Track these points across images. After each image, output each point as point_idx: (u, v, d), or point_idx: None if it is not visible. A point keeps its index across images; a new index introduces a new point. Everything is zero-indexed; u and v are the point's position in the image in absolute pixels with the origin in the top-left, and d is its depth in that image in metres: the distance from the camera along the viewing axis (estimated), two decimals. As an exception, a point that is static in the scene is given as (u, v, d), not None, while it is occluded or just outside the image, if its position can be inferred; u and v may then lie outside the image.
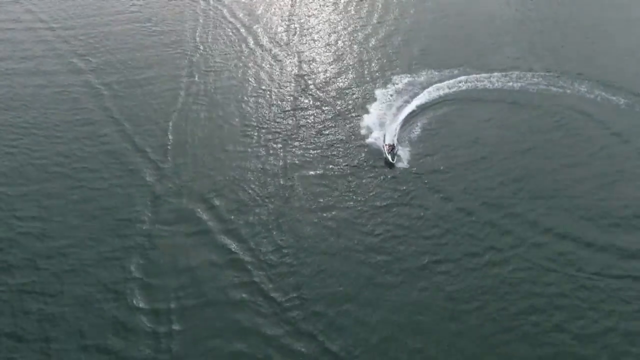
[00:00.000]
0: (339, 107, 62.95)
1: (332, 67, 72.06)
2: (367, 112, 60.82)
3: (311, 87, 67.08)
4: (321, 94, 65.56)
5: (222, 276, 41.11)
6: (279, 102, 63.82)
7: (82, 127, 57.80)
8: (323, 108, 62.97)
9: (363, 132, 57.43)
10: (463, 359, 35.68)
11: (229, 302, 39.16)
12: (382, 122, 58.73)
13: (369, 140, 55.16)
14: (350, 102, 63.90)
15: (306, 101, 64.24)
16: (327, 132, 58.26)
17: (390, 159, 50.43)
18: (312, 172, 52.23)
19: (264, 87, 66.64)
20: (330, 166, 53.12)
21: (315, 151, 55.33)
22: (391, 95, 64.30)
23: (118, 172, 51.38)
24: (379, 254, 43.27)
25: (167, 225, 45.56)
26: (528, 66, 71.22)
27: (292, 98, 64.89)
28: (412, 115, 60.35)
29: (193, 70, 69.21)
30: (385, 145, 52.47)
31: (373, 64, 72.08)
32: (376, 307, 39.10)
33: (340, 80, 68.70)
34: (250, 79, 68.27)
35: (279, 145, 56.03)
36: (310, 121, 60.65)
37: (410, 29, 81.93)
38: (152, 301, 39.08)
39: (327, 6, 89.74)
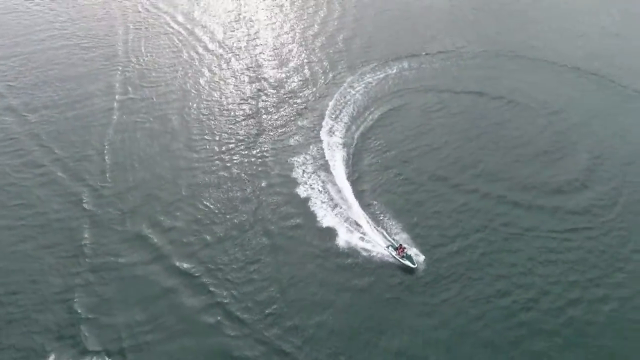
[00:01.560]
0: (294, 110, 61.13)
1: (284, 70, 69.68)
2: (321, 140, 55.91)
3: (264, 91, 64.74)
4: (275, 99, 63.41)
5: (183, 304, 38.44)
6: (229, 110, 60.99)
7: (13, 160, 52.53)
8: (277, 113, 60.85)
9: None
10: (439, 350, 35.45)
11: (195, 331, 36.66)
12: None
13: (361, 243, 43.36)
14: (305, 104, 62.23)
15: (258, 107, 61.69)
16: (282, 138, 56.33)
17: (410, 265, 40.70)
18: (268, 181, 50.28)
19: (210, 97, 63.47)
20: (287, 172, 51.27)
21: (272, 158, 53.28)
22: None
23: (56, 204, 47.14)
24: (347, 258, 42.20)
25: (115, 257, 42.20)
26: (466, 50, 73.05)
27: (242, 104, 62.23)
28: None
29: (128, 86, 64.85)
30: (389, 248, 42.40)
31: (324, 63, 70.60)
32: (351, 312, 37.99)
33: (292, 83, 66.63)
34: (193, 90, 64.88)
35: (233, 156, 53.56)
36: (265, 126, 58.34)
37: (355, 25, 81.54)
38: (104, 342, 35.83)
39: (274, 7, 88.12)
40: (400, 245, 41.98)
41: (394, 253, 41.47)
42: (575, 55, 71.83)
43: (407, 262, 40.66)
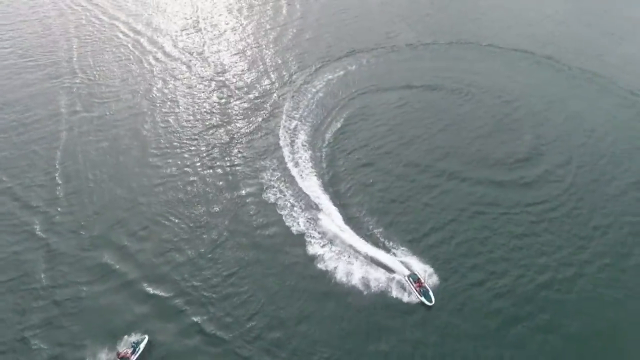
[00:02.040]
0: (257, 114, 59.76)
1: (244, 75, 68.00)
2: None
3: (225, 98, 62.96)
4: (237, 105, 61.78)
5: (157, 329, 36.57)
6: (190, 121, 58.85)
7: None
8: (240, 119, 59.30)
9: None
10: (427, 347, 35.46)
11: (173, 356, 34.95)
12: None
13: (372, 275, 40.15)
14: (268, 108, 60.94)
15: (220, 114, 59.96)
16: (247, 145, 55.00)
17: (427, 302, 37.73)
18: (237, 191, 48.86)
19: (169, 108, 60.96)
20: (255, 180, 50.10)
21: (239, 166, 51.88)
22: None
23: (10, 236, 43.89)
24: (325, 265, 41.17)
25: (79, 287, 39.71)
26: (421, 42, 73.99)
27: (204, 113, 60.21)
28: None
29: (78, 104, 61.40)
30: (408, 278, 39.31)
31: (282, 65, 69.61)
32: (334, 319, 37.24)
33: (253, 88, 65.08)
34: (150, 102, 62.24)
35: (198, 169, 51.65)
36: (228, 134, 56.70)
37: (312, 26, 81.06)
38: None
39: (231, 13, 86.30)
40: (419, 278, 39.13)
41: (413, 285, 38.79)
42: (527, 42, 74.47)
43: (423, 299, 37.89)
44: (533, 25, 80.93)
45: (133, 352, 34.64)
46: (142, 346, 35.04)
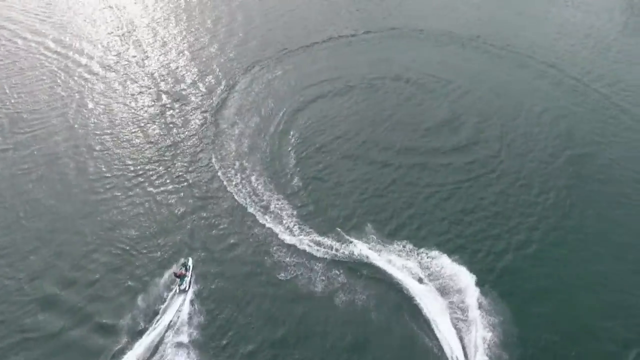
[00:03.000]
0: (200, 123, 57.80)
1: (180, 83, 65.36)
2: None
3: (164, 109, 60.38)
4: (177, 114, 59.32)
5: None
6: (128, 139, 55.74)
7: None
8: (183, 128, 56.98)
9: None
10: (417, 349, 36.17)
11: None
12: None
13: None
14: (209, 114, 59.07)
15: (160, 127, 57.40)
16: (193, 156, 53.12)
17: None
18: (190, 205, 47.04)
19: (105, 128, 57.49)
20: (206, 192, 48.41)
21: (188, 180, 50.06)
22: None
23: None
24: (286, 273, 40.23)
25: (26, 330, 36.64)
26: (354, 34, 75.33)
27: (144, 128, 57.28)
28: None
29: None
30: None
31: (217, 69, 67.96)
32: (317, 336, 35.99)
33: (192, 95, 62.80)
34: (82, 124, 58.16)
35: (145, 189, 49.08)
36: (172, 147, 54.27)
37: (243, 28, 79.21)
38: None
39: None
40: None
41: None
42: (454, 26, 77.85)
43: None
44: (457, 10, 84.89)
45: (187, 270, 37.76)
46: (190, 265, 38.28)
